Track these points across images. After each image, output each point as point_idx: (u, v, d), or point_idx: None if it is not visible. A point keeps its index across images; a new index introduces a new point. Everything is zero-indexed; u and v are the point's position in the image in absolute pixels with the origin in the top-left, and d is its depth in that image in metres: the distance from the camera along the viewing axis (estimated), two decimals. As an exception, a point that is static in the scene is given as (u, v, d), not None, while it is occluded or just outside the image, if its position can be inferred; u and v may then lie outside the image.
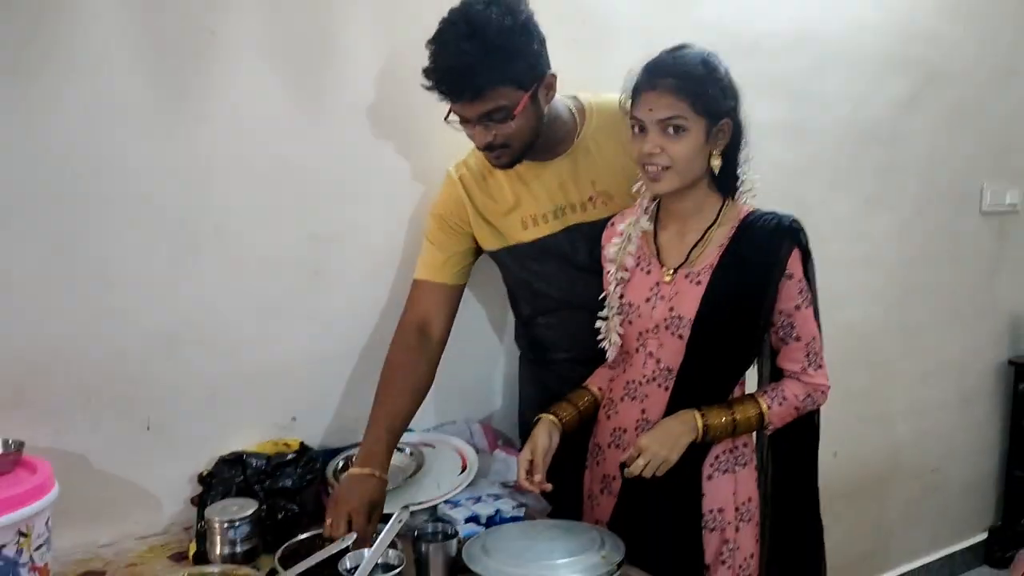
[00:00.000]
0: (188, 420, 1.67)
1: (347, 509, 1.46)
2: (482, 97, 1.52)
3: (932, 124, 2.89)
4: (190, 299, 1.65)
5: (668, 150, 1.45)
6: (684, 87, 1.43)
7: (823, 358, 1.55)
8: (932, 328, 3.05)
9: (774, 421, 1.53)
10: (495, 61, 1.50)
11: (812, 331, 1.54)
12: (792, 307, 1.51)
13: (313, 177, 1.75)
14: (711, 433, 1.49)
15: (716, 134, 1.46)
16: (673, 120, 1.44)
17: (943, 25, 2.84)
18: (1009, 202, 3.21)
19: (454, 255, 1.79)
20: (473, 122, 1.57)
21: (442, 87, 1.54)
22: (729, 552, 1.56)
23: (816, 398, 1.56)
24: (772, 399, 1.53)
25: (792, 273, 1.49)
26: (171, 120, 1.60)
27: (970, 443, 3.30)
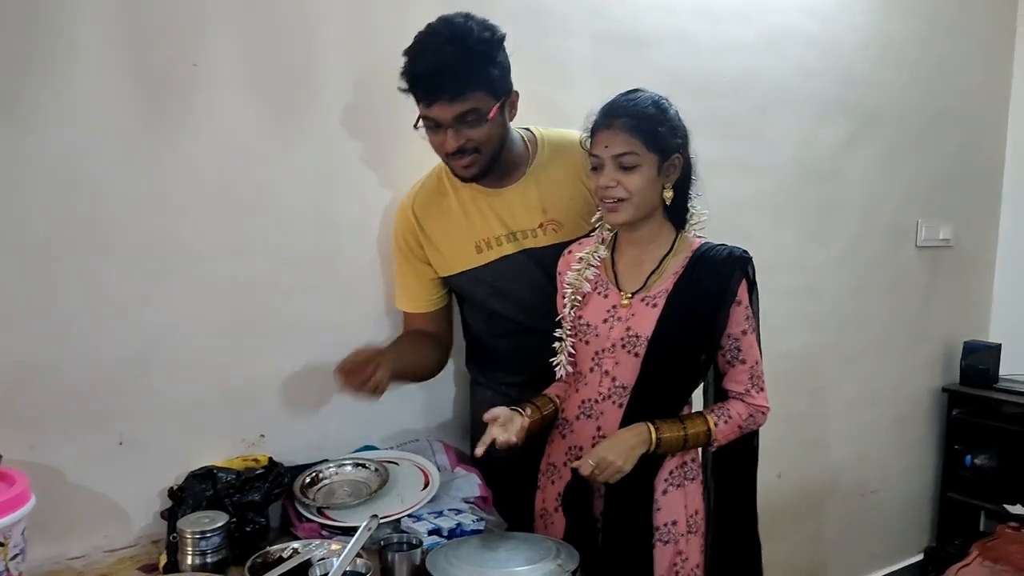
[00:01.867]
0: (160, 436, 1.72)
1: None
2: (460, 98, 1.60)
3: (870, 163, 3.07)
4: (164, 319, 1.71)
5: (623, 183, 1.57)
6: (637, 126, 1.56)
7: (764, 381, 1.67)
8: (869, 356, 3.20)
9: (719, 438, 1.63)
10: (474, 65, 1.60)
11: (756, 355, 1.65)
12: (739, 332, 1.63)
13: (287, 202, 1.83)
14: (663, 446, 1.58)
15: (667, 168, 1.59)
16: (627, 156, 1.56)
17: (880, 71, 3.02)
18: (942, 237, 3.39)
19: (427, 284, 1.90)
20: (447, 125, 1.63)
21: (421, 87, 1.61)
22: (681, 562, 1.66)
23: (757, 418, 1.67)
24: (719, 417, 1.63)
25: (740, 300, 1.61)
26: (149, 147, 1.66)
27: (906, 466, 3.45)
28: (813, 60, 2.80)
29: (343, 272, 1.93)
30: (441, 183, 1.86)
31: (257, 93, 1.77)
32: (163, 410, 1.72)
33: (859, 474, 3.24)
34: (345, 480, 1.81)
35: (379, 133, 1.94)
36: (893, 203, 3.20)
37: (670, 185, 1.61)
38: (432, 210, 1.85)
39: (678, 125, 1.61)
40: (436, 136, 1.68)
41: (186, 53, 1.67)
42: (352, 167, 1.92)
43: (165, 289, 1.71)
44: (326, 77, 1.86)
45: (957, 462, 3.48)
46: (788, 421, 2.96)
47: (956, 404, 3.48)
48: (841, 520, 3.20)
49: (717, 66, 2.56)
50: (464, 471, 1.92)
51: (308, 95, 1.84)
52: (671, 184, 1.61)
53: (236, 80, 1.74)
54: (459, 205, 1.83)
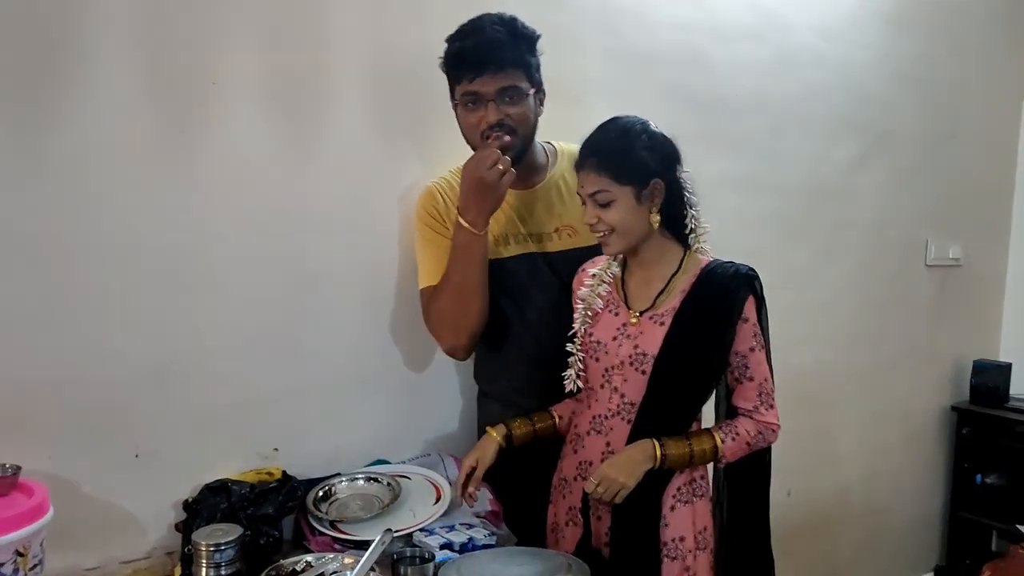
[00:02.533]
0: (175, 448, 1.73)
1: None
2: (503, 72, 1.69)
3: (881, 182, 3.08)
4: (179, 333, 1.73)
5: (604, 218, 1.61)
6: (602, 163, 1.59)
7: (774, 399, 1.67)
8: (879, 374, 3.21)
9: (727, 455, 1.64)
10: (519, 46, 1.72)
11: (764, 373, 1.65)
12: (747, 349, 1.63)
13: (303, 218, 1.85)
14: (668, 462, 1.59)
15: (647, 196, 1.60)
16: (599, 194, 1.60)
17: (891, 91, 3.04)
18: (952, 256, 3.40)
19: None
20: (489, 98, 1.70)
21: (468, 60, 1.70)
22: None
23: (767, 436, 1.67)
24: (726, 434, 1.64)
25: (747, 317, 1.62)
26: (167, 163, 1.68)
27: (916, 485, 3.44)
28: (824, 79, 2.82)
29: (361, 287, 1.95)
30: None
31: (274, 109, 1.79)
32: (179, 423, 1.74)
33: (869, 492, 3.24)
34: (357, 494, 1.82)
35: (397, 147, 1.97)
36: (903, 222, 3.21)
37: (656, 209, 1.61)
38: (455, 197, 1.85)
39: (656, 148, 1.61)
40: (475, 113, 1.73)
41: (205, 70, 1.70)
42: (370, 182, 1.94)
43: (182, 302, 1.72)
44: (344, 91, 1.88)
45: (967, 481, 3.48)
46: (798, 439, 2.95)
47: (966, 423, 3.47)
48: (851, 538, 3.20)
49: (729, 85, 2.58)
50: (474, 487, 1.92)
51: (325, 110, 1.86)
52: (657, 208, 1.61)
53: (254, 97, 1.76)
54: None
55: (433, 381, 2.09)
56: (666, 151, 1.63)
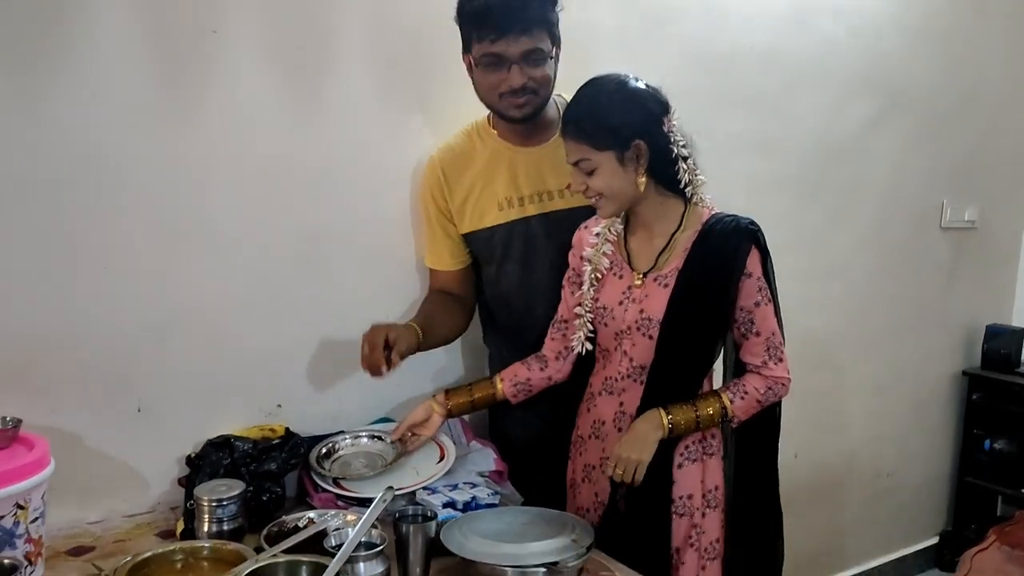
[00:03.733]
0: (177, 404, 1.73)
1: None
2: (528, 33, 1.64)
3: (896, 143, 3.01)
4: (182, 288, 1.71)
5: (590, 185, 1.58)
6: (578, 131, 1.56)
7: (783, 352, 1.64)
8: (890, 338, 3.17)
9: (738, 414, 1.62)
10: (542, 5, 1.67)
11: (771, 327, 1.62)
12: (752, 304, 1.60)
13: (306, 172, 1.82)
14: (676, 430, 1.59)
15: (629, 158, 1.55)
16: (581, 162, 1.57)
17: (909, 49, 2.96)
18: (968, 219, 3.34)
19: (453, 241, 1.90)
20: (513, 61, 1.66)
21: (491, 20, 1.63)
22: (697, 536, 1.65)
23: (777, 390, 1.64)
24: (735, 394, 1.62)
25: (751, 272, 1.59)
26: (168, 115, 1.66)
27: (924, 450, 3.42)
28: (841, 35, 2.75)
29: (364, 243, 1.93)
30: (470, 140, 1.88)
31: (276, 60, 1.75)
32: (181, 378, 1.73)
33: (877, 456, 3.23)
34: (361, 452, 1.82)
35: (402, 101, 1.93)
36: (918, 183, 3.14)
37: (643, 171, 1.57)
38: (459, 166, 1.86)
39: (631, 111, 1.55)
40: (495, 74, 1.69)
41: (205, 19, 1.66)
42: (374, 136, 1.91)
43: (185, 258, 1.71)
44: (346, 44, 1.84)
45: (976, 446, 3.46)
46: (806, 402, 2.94)
47: (976, 388, 3.44)
48: (857, 502, 3.19)
49: (743, 40, 2.51)
50: (479, 445, 1.92)
51: (328, 62, 1.82)
52: (643, 169, 1.57)
53: (255, 47, 1.73)
54: (487, 162, 1.84)
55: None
56: (646, 109, 1.56)
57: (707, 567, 1.66)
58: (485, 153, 1.85)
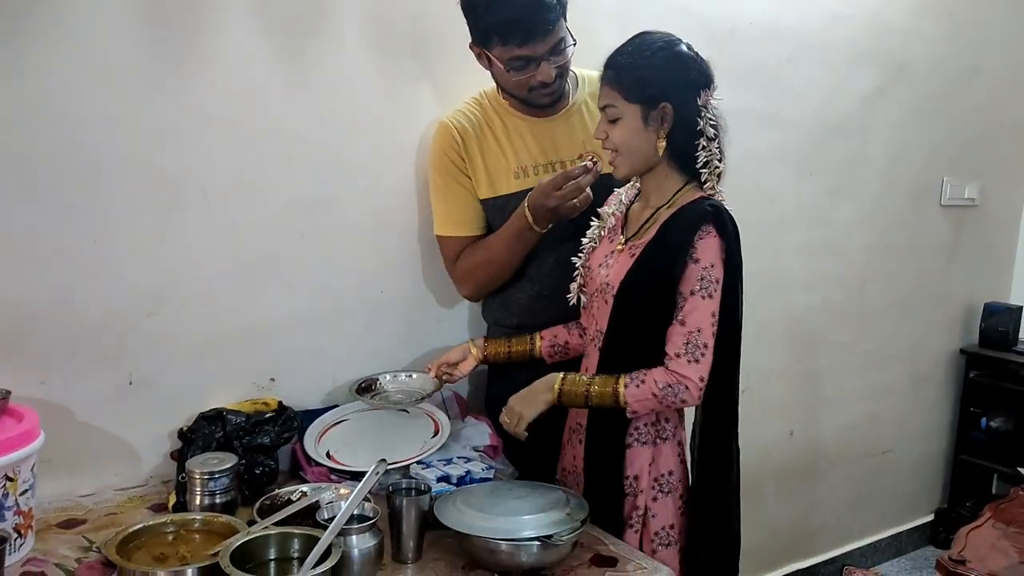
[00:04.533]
0: (170, 377, 1.71)
1: None
2: (553, 31, 1.66)
3: (897, 118, 2.99)
4: (175, 258, 1.69)
5: (611, 136, 1.56)
6: (615, 77, 1.54)
7: (703, 355, 1.51)
8: (889, 315, 3.16)
9: (630, 402, 1.53)
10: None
11: (699, 322, 1.50)
12: (688, 291, 1.51)
13: (302, 141, 1.80)
14: (564, 398, 1.58)
15: (653, 118, 1.52)
16: (608, 108, 1.55)
17: (912, 21, 2.92)
18: (968, 196, 3.32)
19: (473, 204, 1.87)
20: (542, 58, 1.68)
21: (518, 30, 1.64)
22: (638, 518, 1.62)
23: (679, 391, 1.51)
24: (631, 380, 1.53)
25: (698, 258, 1.50)
26: (161, 82, 1.62)
27: (920, 427, 3.42)
28: (844, 7, 2.71)
29: (362, 214, 1.90)
30: (482, 109, 1.87)
31: (269, 25, 1.72)
32: (173, 351, 1.71)
33: (873, 434, 3.22)
34: (399, 387, 1.91)
35: (397, 69, 1.90)
36: (919, 160, 3.12)
37: (663, 134, 1.53)
38: (474, 132, 1.85)
39: (669, 70, 1.52)
40: (523, 73, 1.70)
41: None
42: (372, 105, 1.88)
43: (176, 228, 1.68)
44: (344, 9, 1.81)
45: (972, 424, 3.46)
46: (803, 378, 2.93)
47: (974, 366, 3.44)
48: (853, 479, 3.19)
49: (743, 11, 2.48)
50: (474, 420, 1.91)
51: (322, 29, 1.79)
52: (664, 134, 1.53)
53: (247, 11, 1.69)
54: (502, 131, 1.85)
55: (435, 314, 2.05)
56: (686, 75, 1.53)
57: (658, 552, 1.61)
58: (497, 121, 1.85)
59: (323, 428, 1.80)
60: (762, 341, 2.06)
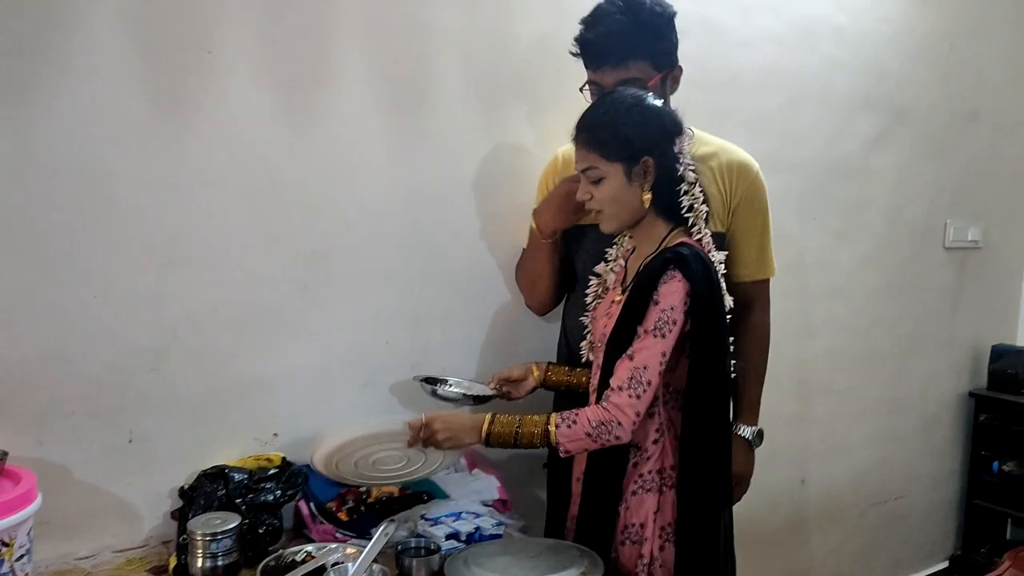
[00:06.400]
0: (171, 434, 1.67)
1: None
2: (622, 65, 1.70)
3: (898, 161, 2.99)
4: (176, 313, 1.66)
5: (595, 196, 1.56)
6: (591, 139, 1.54)
7: (644, 391, 1.49)
8: (895, 359, 3.13)
9: (562, 441, 1.50)
10: (641, 35, 1.70)
11: (647, 359, 1.49)
12: (643, 330, 1.51)
13: (304, 194, 1.78)
14: (493, 439, 1.54)
15: (637, 173, 1.53)
16: (590, 170, 1.55)
17: (910, 67, 2.95)
18: (971, 238, 3.31)
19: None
20: (608, 89, 1.69)
21: (590, 52, 1.72)
22: (644, 567, 1.57)
23: (612, 428, 1.48)
24: (563, 420, 1.51)
25: (658, 300, 1.50)
26: (163, 134, 1.61)
27: (932, 472, 3.37)
28: (843, 54, 2.73)
29: (361, 267, 1.88)
30: None
31: (272, 80, 1.72)
32: (174, 407, 1.68)
33: (885, 479, 3.17)
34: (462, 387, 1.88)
35: (400, 122, 1.89)
36: (921, 202, 3.12)
37: (648, 187, 1.55)
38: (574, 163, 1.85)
39: (645, 125, 1.53)
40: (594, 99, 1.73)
41: (200, 39, 1.63)
42: (370, 156, 1.86)
43: (178, 282, 1.66)
44: (343, 63, 1.80)
45: (984, 468, 3.41)
46: (812, 425, 2.90)
47: (983, 409, 3.40)
48: (866, 526, 3.13)
49: (746, 58, 2.49)
50: (482, 473, 1.87)
51: (325, 82, 1.79)
52: (649, 186, 1.55)
53: (251, 67, 1.69)
54: None
55: (440, 364, 2.01)
56: (660, 127, 1.55)
57: None
58: None
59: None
60: (769, 387, 2.03)
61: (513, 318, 2.10)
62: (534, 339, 2.11)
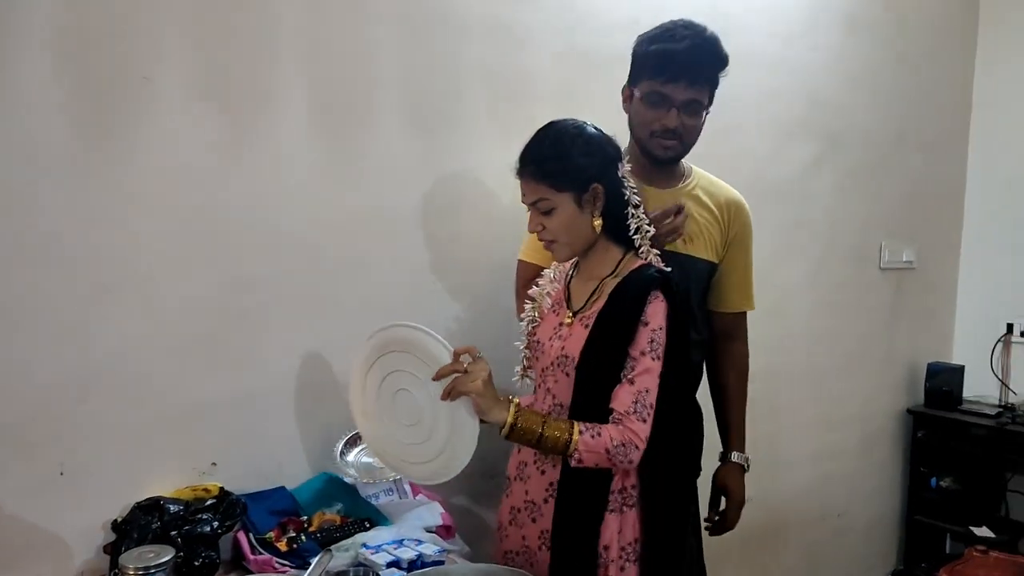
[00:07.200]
0: (104, 465, 1.63)
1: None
2: (697, 86, 1.78)
3: (834, 185, 3.08)
4: (109, 341, 1.63)
5: (547, 226, 1.58)
6: (539, 171, 1.56)
7: (649, 415, 1.52)
8: (834, 377, 3.20)
9: (580, 450, 1.49)
10: (717, 64, 1.81)
11: (647, 383, 1.52)
12: (638, 352, 1.53)
13: (241, 218, 1.76)
14: (515, 434, 1.50)
15: (587, 201, 1.56)
16: (539, 202, 1.57)
17: (844, 95, 3.04)
18: (906, 259, 3.42)
19: None
20: (675, 106, 1.78)
21: (673, 63, 1.76)
22: None
23: (628, 451, 1.50)
24: (587, 429, 1.51)
25: (647, 321, 1.53)
26: (93, 161, 1.58)
27: (872, 489, 3.44)
28: (778, 81, 2.81)
29: (300, 292, 1.86)
30: None
31: (210, 106, 1.71)
32: (107, 438, 1.64)
33: (826, 496, 3.23)
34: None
35: (338, 147, 1.89)
36: (857, 225, 3.21)
37: (598, 213, 1.58)
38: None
39: (594, 152, 1.57)
40: (654, 111, 1.80)
41: (137, 65, 1.61)
42: (306, 181, 1.86)
43: (110, 310, 1.62)
44: (281, 88, 1.80)
45: (923, 484, 3.49)
46: (753, 443, 2.92)
47: (921, 426, 3.49)
48: (811, 543, 3.18)
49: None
50: (426, 499, 1.86)
51: (263, 108, 1.78)
52: (599, 212, 1.58)
53: (188, 92, 1.68)
54: None
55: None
56: (604, 153, 1.59)
57: None
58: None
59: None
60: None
61: (457, 343, 2.10)
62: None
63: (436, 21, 2.01)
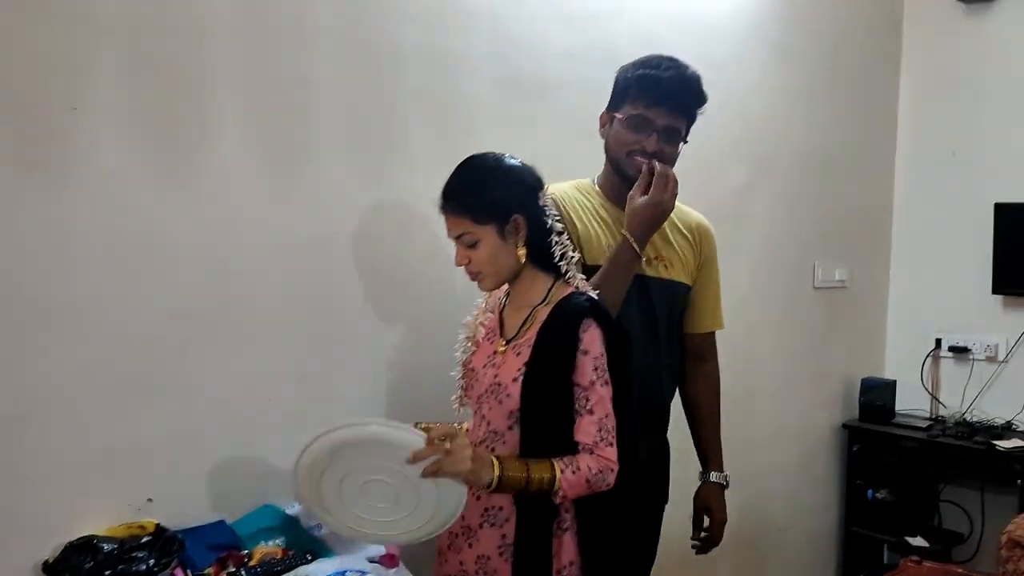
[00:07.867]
0: (35, 503, 1.59)
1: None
2: (677, 114, 1.85)
3: (768, 207, 3.17)
4: (40, 375, 1.59)
5: (472, 259, 1.61)
6: (459, 206, 1.59)
7: (614, 437, 1.56)
8: (772, 395, 3.27)
9: (564, 487, 1.51)
10: (699, 100, 1.89)
11: (606, 409, 1.55)
12: (587, 382, 1.55)
13: (178, 249, 1.74)
14: (504, 484, 1.48)
15: (509, 231, 1.59)
16: (463, 236, 1.60)
17: (773, 120, 3.14)
18: (838, 279, 3.52)
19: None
20: (656, 130, 1.83)
21: (660, 90, 1.82)
22: None
23: (606, 475, 1.53)
24: (566, 466, 1.51)
25: (587, 350, 1.55)
26: (23, 193, 1.56)
27: (812, 502, 3.51)
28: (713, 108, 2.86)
29: (241, 323, 1.85)
30: (577, 191, 1.97)
31: (144, 135, 1.69)
32: (39, 475, 1.60)
33: (766, 512, 3.28)
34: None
35: (278, 176, 1.89)
36: (791, 245, 3.30)
37: (522, 243, 1.61)
38: (568, 203, 1.91)
39: (514, 183, 1.60)
40: (635, 134, 1.84)
41: (65, 95, 1.59)
42: (250, 211, 1.84)
43: (41, 344, 1.59)
44: (216, 119, 1.79)
45: (859, 497, 3.57)
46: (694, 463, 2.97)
47: (856, 439, 3.58)
48: (749, 558, 3.23)
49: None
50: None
51: (199, 136, 1.77)
52: (522, 242, 1.61)
53: (118, 122, 1.66)
54: (593, 213, 1.93)
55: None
56: (524, 184, 1.62)
57: None
58: (589, 205, 1.94)
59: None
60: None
61: (404, 372, 2.10)
62: (427, 392, 2.09)
63: (372, 49, 2.02)
